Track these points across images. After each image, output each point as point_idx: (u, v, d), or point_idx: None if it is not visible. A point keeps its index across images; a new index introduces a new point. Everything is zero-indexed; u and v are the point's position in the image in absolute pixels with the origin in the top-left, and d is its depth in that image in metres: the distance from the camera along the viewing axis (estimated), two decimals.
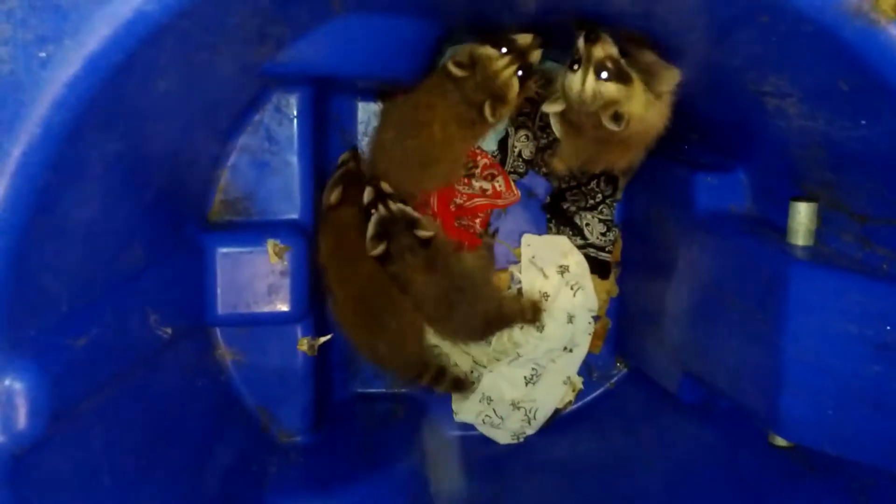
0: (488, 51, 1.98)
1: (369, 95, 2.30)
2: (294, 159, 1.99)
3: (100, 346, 1.39)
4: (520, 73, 2.00)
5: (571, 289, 2.37)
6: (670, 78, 1.74)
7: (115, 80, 1.18)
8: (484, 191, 2.38)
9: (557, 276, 2.37)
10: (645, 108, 1.76)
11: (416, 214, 2.09)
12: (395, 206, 2.06)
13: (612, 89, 1.71)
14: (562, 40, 2.14)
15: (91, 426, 1.40)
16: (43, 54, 1.12)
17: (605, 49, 1.70)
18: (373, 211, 2.06)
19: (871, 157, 1.43)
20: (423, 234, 2.04)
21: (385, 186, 2.09)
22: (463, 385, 2.34)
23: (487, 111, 1.98)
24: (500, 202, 2.40)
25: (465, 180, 2.36)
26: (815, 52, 1.32)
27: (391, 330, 2.14)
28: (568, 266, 2.38)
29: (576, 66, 1.72)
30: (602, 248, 2.41)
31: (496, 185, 2.38)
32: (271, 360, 2.04)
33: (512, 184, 2.39)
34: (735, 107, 1.72)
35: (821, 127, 1.48)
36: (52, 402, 1.24)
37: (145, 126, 1.43)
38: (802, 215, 1.65)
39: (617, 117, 1.72)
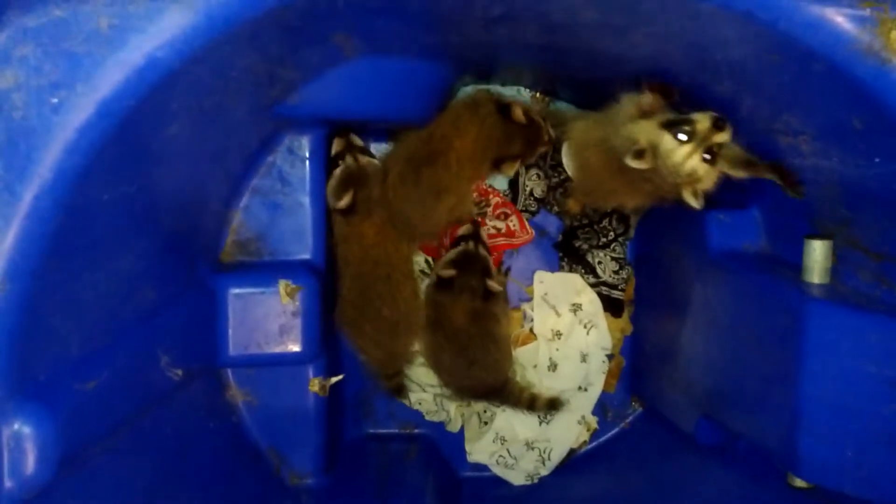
0: (542, 122, 2.09)
1: (381, 136, 2.31)
2: (306, 200, 2.00)
3: (110, 389, 1.39)
4: None
5: (585, 327, 2.36)
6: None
7: (127, 125, 1.19)
8: (498, 230, 2.37)
9: (570, 315, 2.36)
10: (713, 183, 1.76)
11: (493, 268, 2.18)
12: (483, 252, 2.17)
13: (704, 170, 1.69)
14: (571, 85, 2.17)
15: (100, 470, 1.39)
16: (55, 100, 1.13)
17: (726, 137, 1.67)
18: (463, 243, 2.17)
19: (886, 195, 1.42)
20: (492, 286, 2.12)
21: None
22: (400, 393, 2.33)
23: (511, 167, 2.11)
24: (514, 241, 2.40)
25: (481, 220, 2.36)
26: (827, 91, 1.32)
27: (383, 317, 2.14)
28: (581, 304, 2.37)
29: (682, 137, 1.66)
30: (615, 286, 2.39)
31: (510, 224, 2.38)
32: (283, 401, 2.02)
33: (526, 223, 2.39)
34: (748, 144, 1.71)
35: (835, 165, 1.47)
36: (61, 447, 1.23)
37: (157, 169, 1.44)
38: (817, 253, 1.64)
39: (696, 194, 1.72)
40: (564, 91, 2.28)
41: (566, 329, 2.34)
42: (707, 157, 1.67)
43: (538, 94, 2.34)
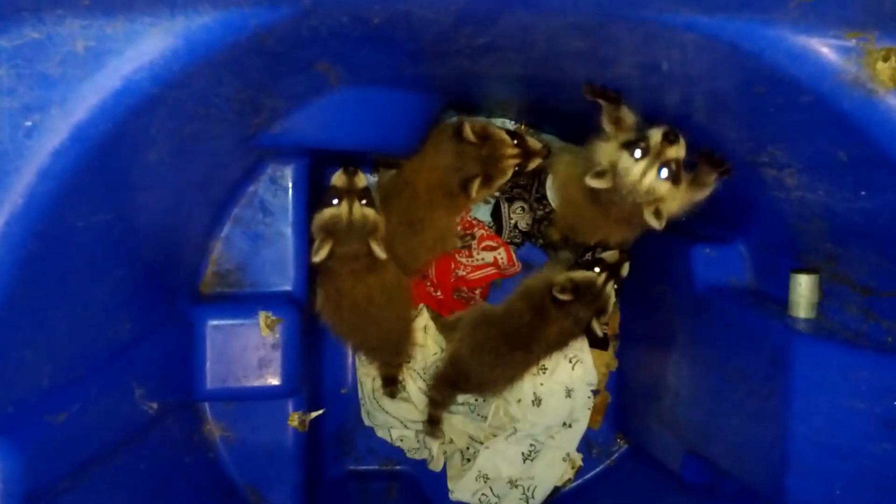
0: (504, 136, 2.02)
1: (366, 167, 2.29)
2: (288, 230, 1.97)
3: (81, 422, 1.35)
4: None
5: (570, 362, 2.33)
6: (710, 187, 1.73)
7: (103, 150, 1.16)
8: (487, 263, 2.36)
9: None
10: (680, 206, 1.75)
11: (608, 310, 2.14)
12: (608, 290, 2.10)
13: (665, 188, 1.69)
14: (557, 117, 2.16)
15: None
16: (29, 123, 1.10)
17: (679, 151, 1.67)
18: (597, 269, 2.11)
19: (872, 229, 1.41)
20: (595, 329, 2.10)
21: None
22: (393, 385, 2.30)
23: (473, 188, 1.99)
24: (505, 272, 2.38)
25: (467, 252, 2.35)
26: (813, 123, 1.32)
27: (393, 322, 2.13)
28: None
29: (638, 154, 1.67)
30: None
31: (498, 256, 2.36)
32: (261, 436, 1.98)
33: (513, 255, 2.37)
34: (733, 178, 1.71)
35: (820, 198, 1.47)
36: (28, 483, 1.19)
37: (135, 197, 1.41)
38: (804, 287, 1.63)
39: (658, 213, 1.71)
40: (550, 124, 2.28)
41: (551, 363, 2.31)
42: (664, 174, 1.67)
43: (523, 126, 2.34)
